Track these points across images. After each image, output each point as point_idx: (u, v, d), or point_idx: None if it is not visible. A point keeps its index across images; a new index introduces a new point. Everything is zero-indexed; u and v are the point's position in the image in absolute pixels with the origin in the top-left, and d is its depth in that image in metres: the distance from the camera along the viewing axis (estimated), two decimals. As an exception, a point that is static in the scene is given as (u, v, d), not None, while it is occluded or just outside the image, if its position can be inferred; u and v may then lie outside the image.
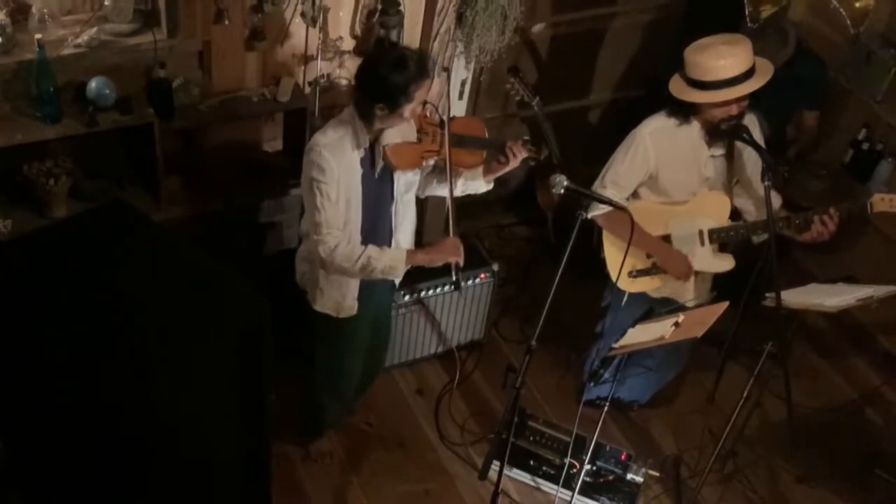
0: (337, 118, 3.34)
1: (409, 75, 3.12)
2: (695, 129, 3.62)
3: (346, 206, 3.31)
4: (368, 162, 3.33)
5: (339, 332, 3.66)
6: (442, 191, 3.59)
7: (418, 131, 3.39)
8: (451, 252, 3.39)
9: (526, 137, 3.66)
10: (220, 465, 3.27)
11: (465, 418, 4.41)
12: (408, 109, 3.19)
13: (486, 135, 3.55)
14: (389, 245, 3.50)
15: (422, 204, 3.85)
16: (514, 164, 3.46)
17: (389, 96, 3.15)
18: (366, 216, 3.39)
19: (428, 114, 3.39)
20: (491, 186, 3.60)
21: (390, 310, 4.09)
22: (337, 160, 3.23)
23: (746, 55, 3.47)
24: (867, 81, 4.68)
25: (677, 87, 3.55)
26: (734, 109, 3.51)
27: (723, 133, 3.58)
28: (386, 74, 3.12)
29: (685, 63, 3.52)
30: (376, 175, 3.37)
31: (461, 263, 3.41)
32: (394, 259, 3.36)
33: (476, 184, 3.55)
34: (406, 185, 3.47)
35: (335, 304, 3.56)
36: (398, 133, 3.33)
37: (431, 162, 3.46)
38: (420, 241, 4.54)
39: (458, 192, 3.52)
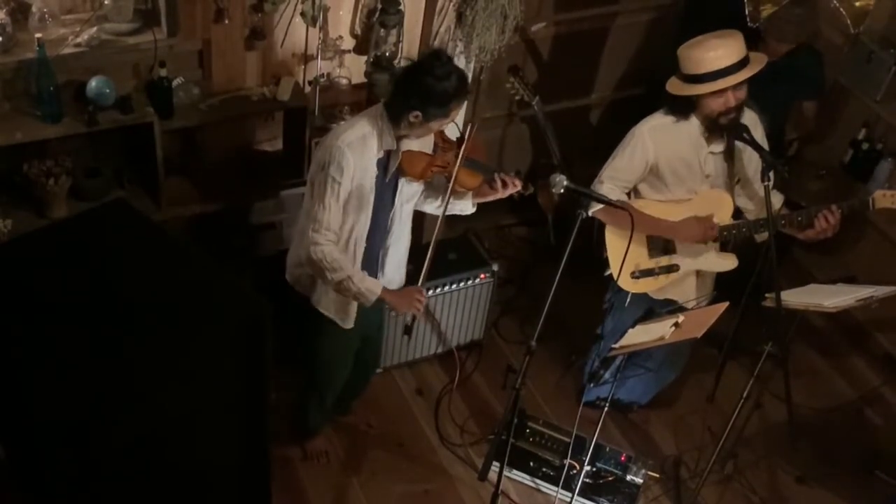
0: (365, 114, 3.33)
1: (453, 92, 3.15)
2: (694, 125, 3.62)
3: (355, 207, 3.30)
4: (383, 165, 3.33)
5: (331, 335, 3.64)
6: (428, 206, 3.62)
7: (434, 144, 3.41)
8: (410, 304, 3.44)
9: (519, 171, 3.70)
10: (220, 465, 3.27)
11: (465, 419, 4.41)
12: (439, 124, 3.23)
13: (487, 160, 3.57)
14: (381, 250, 3.51)
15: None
16: (503, 194, 3.47)
17: (430, 107, 3.16)
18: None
19: (446, 130, 3.40)
20: (474, 209, 3.61)
21: (381, 316, 4.06)
22: (357, 160, 3.22)
23: (738, 46, 3.48)
24: (867, 81, 4.68)
25: (674, 86, 3.58)
26: (731, 101, 3.51)
27: (722, 128, 3.58)
28: (434, 85, 3.12)
29: (679, 61, 3.55)
30: (386, 179, 3.37)
31: (418, 316, 3.50)
32: (369, 290, 3.36)
33: (463, 204, 3.56)
34: (409, 195, 3.47)
35: (339, 306, 3.54)
36: (418, 142, 3.34)
37: (436, 176, 3.46)
38: (419, 239, 4.54)
39: (447, 210, 3.53)
